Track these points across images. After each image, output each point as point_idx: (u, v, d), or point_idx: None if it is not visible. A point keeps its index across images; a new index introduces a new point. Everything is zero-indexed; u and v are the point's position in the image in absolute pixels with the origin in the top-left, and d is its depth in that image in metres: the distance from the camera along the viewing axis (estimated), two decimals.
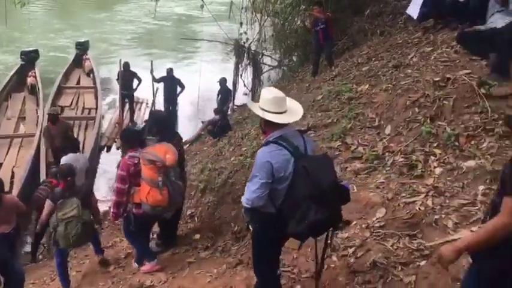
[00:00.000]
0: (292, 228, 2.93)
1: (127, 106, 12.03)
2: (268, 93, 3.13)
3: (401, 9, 8.99)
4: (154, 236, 5.57)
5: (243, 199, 3.10)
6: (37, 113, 11.37)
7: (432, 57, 6.03)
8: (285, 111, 3.07)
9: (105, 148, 10.96)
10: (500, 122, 4.56)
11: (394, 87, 5.83)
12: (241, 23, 12.18)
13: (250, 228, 3.31)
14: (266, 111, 3.04)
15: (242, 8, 12.19)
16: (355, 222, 4.18)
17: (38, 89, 12.23)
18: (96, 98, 12.37)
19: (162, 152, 4.41)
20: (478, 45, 5.60)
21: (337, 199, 3.01)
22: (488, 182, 4.02)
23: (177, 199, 4.57)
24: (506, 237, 2.09)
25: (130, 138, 4.84)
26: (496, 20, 5.55)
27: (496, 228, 2.11)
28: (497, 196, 2.28)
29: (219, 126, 9.53)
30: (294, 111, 3.15)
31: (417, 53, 6.40)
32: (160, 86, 11.92)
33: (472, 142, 4.56)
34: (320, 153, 3.33)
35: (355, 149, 5.21)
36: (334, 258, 3.87)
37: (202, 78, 12.54)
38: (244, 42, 12.50)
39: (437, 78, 5.45)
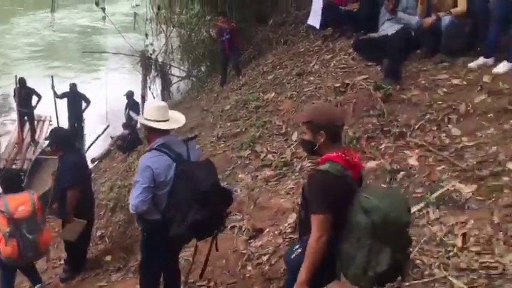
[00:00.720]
0: (174, 230, 3.03)
1: (27, 125, 11.26)
2: (151, 103, 3.38)
3: (303, 19, 9.32)
4: (62, 261, 5.25)
5: (130, 206, 3.22)
6: None
7: (332, 64, 6.31)
8: (166, 120, 3.25)
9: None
10: (396, 123, 4.87)
11: (298, 94, 6.01)
12: (146, 35, 11.96)
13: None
14: (149, 119, 3.22)
15: (147, 20, 11.95)
16: (267, 229, 4.23)
17: None
18: None
19: (16, 202, 4.18)
20: (372, 51, 5.94)
21: (219, 201, 3.14)
22: (388, 181, 4.26)
23: (27, 254, 4.27)
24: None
25: (9, 183, 4.50)
26: (387, 28, 5.92)
27: (314, 246, 2.31)
28: (302, 209, 2.53)
29: (129, 141, 9.24)
30: (175, 120, 3.34)
31: (318, 61, 6.66)
32: (64, 102, 11.33)
33: (372, 144, 4.81)
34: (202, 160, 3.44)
35: (264, 156, 5.28)
36: (249, 267, 3.88)
37: (109, 92, 12.10)
38: (150, 54, 12.27)
39: (338, 84, 5.70)
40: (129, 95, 11.36)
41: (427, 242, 3.54)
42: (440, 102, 4.81)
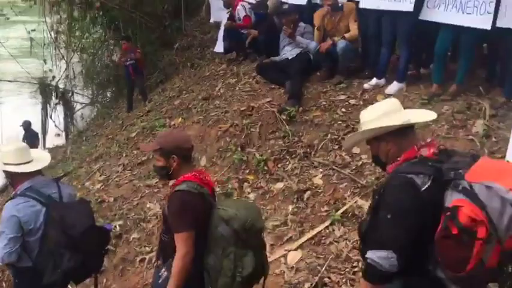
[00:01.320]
0: (47, 278, 2.90)
1: None
2: (8, 146, 3.08)
3: (208, 43, 9.40)
4: None
5: None
6: None
7: (237, 88, 6.39)
8: (29, 161, 3.02)
9: None
10: (301, 143, 5.02)
11: (205, 119, 6.00)
12: (44, 60, 11.35)
13: None
14: (8, 164, 2.98)
15: (44, 44, 11.36)
16: None
17: None
18: None
19: None
20: (274, 74, 6.14)
21: (94, 243, 3.04)
22: (296, 201, 4.36)
23: None
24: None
25: None
26: (287, 52, 6.16)
27: (180, 264, 2.42)
28: (163, 234, 2.65)
29: None
30: (39, 159, 3.11)
31: (224, 85, 6.72)
32: None
33: (279, 165, 4.91)
34: (76, 199, 3.27)
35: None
36: None
37: (5, 123, 11.27)
38: (50, 81, 11.68)
39: (243, 108, 5.78)
40: (26, 125, 10.70)
41: (334, 259, 3.66)
42: (340, 122, 5.04)
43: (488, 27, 4.31)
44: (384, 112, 2.13)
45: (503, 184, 1.75)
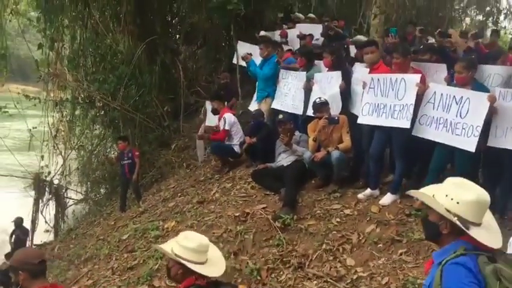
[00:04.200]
0: None
1: None
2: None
3: (194, 145, 9.61)
4: None
5: None
6: None
7: (232, 193, 6.42)
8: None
9: None
10: (295, 253, 4.94)
11: (199, 224, 5.95)
12: (42, 156, 11.46)
13: None
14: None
15: (44, 141, 11.56)
16: None
17: None
18: None
19: None
20: (270, 181, 6.21)
21: None
22: None
23: None
24: None
25: None
26: (283, 159, 6.30)
27: None
28: None
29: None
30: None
31: (219, 189, 6.76)
32: None
33: (272, 275, 4.80)
34: None
35: None
36: None
37: None
38: (46, 176, 11.70)
39: (238, 214, 5.77)
40: (18, 221, 10.57)
41: None
42: (334, 232, 5.03)
43: (473, 149, 4.50)
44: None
45: None
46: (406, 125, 5.04)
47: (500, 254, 2.06)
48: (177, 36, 13.81)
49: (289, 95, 7.09)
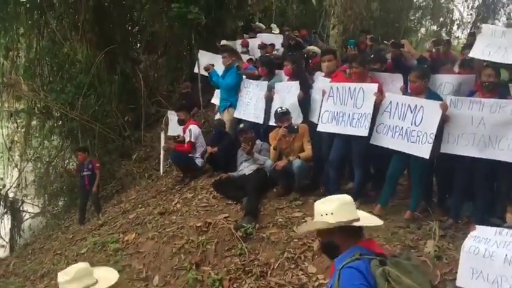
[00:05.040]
0: None
1: None
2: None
3: (158, 155, 9.49)
4: None
5: None
6: None
7: (194, 203, 6.37)
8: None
9: None
10: (257, 262, 4.94)
11: (160, 235, 5.86)
12: None
13: None
14: None
15: None
16: None
17: None
18: None
19: None
20: (232, 190, 6.20)
21: None
22: None
23: None
24: None
25: None
26: (244, 168, 6.31)
27: None
28: None
29: None
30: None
31: (180, 199, 6.69)
32: None
33: (235, 285, 4.78)
34: None
35: None
36: None
37: None
38: (0, 189, 11.29)
39: (200, 224, 5.72)
40: None
41: None
42: (296, 240, 5.04)
43: (427, 156, 4.64)
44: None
45: None
46: (364, 133, 5.15)
47: (391, 258, 2.26)
48: (138, 45, 13.69)
49: (251, 104, 7.13)
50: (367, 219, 2.44)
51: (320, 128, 5.61)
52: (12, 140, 11.47)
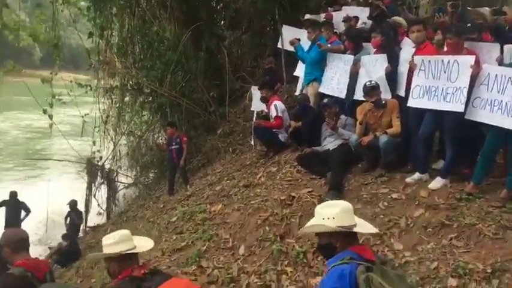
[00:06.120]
0: None
1: None
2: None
3: (250, 129, 9.65)
4: None
5: None
6: None
7: (278, 177, 6.45)
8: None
9: None
10: None
11: (245, 207, 6.02)
12: (94, 142, 11.90)
13: None
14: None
15: (95, 127, 11.99)
16: None
17: None
18: None
19: None
20: (315, 165, 6.20)
21: None
22: None
23: None
24: None
25: None
26: (329, 143, 6.26)
27: None
28: None
29: (67, 253, 8.76)
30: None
31: (265, 173, 6.80)
32: (2, 210, 10.83)
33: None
34: None
35: (210, 272, 5.12)
36: None
37: (51, 200, 11.69)
38: (98, 161, 12.15)
39: (284, 197, 5.80)
40: (72, 204, 11.04)
41: None
42: (382, 216, 4.96)
43: None
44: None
45: None
46: (460, 108, 4.88)
47: (378, 265, 2.36)
48: (222, 22, 13.90)
49: (335, 78, 7.02)
50: (363, 226, 2.60)
51: (410, 103, 5.40)
52: (107, 114, 12.20)
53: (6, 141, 22.87)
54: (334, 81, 6.99)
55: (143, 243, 3.07)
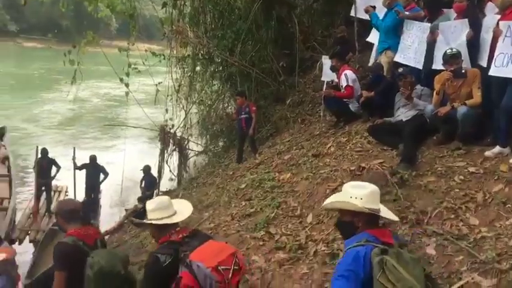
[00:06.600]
0: None
1: (44, 195, 11.41)
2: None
3: (320, 100, 9.55)
4: None
5: None
6: None
7: (348, 147, 6.37)
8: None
9: (17, 241, 10.15)
10: (412, 209, 4.81)
11: (314, 176, 6.03)
12: (166, 110, 12.30)
13: None
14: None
15: (168, 96, 12.36)
16: None
17: None
18: (10, 186, 11.63)
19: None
20: (387, 136, 6.04)
21: None
22: None
23: None
24: None
25: None
26: (402, 113, 6.06)
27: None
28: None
29: (143, 216, 9.20)
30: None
31: (334, 143, 6.74)
32: (83, 173, 11.57)
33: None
34: None
35: (278, 238, 5.22)
36: None
37: (127, 164, 12.32)
38: (170, 128, 12.57)
39: (353, 168, 5.73)
40: (146, 169, 11.55)
41: None
42: (457, 190, 4.78)
43: None
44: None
45: (207, 263, 2.78)
46: None
47: (394, 248, 2.39)
48: None
49: (412, 47, 6.74)
50: (386, 212, 2.65)
51: (492, 71, 5.08)
52: (179, 84, 12.53)
53: (87, 108, 24.28)
54: (412, 50, 6.72)
55: (183, 209, 3.26)
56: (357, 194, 2.53)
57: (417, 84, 6.20)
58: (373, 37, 8.19)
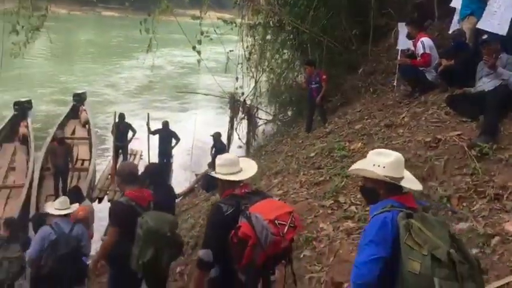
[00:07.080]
0: None
1: (121, 158, 12.04)
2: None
3: (394, 69, 9.21)
4: None
5: None
6: (27, 163, 11.30)
7: (423, 118, 6.13)
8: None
9: (97, 200, 10.85)
10: (492, 184, 4.58)
11: (386, 146, 5.87)
12: (237, 78, 12.40)
13: None
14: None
15: (238, 64, 12.44)
16: (346, 284, 4.11)
17: (30, 139, 12.24)
18: (90, 149, 12.38)
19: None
20: (467, 107, 5.73)
21: None
22: (481, 245, 3.99)
23: None
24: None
25: None
26: (484, 83, 5.71)
27: (106, 244, 4.24)
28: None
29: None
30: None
31: (408, 113, 6.51)
32: (156, 138, 12.03)
33: (464, 204, 4.56)
34: None
35: (347, 208, 5.18)
36: None
37: (198, 130, 12.66)
38: (239, 97, 12.70)
39: (429, 139, 5.52)
40: (217, 136, 11.80)
41: None
42: None
43: None
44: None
45: (265, 216, 2.96)
46: None
47: (420, 212, 2.45)
48: None
49: (498, 13, 6.28)
50: (410, 181, 2.65)
51: None
52: (250, 52, 12.55)
53: (162, 75, 25.00)
54: (497, 16, 6.26)
55: (249, 167, 3.46)
56: (380, 162, 2.57)
57: (502, 52, 5.79)
58: (456, 2, 7.71)
